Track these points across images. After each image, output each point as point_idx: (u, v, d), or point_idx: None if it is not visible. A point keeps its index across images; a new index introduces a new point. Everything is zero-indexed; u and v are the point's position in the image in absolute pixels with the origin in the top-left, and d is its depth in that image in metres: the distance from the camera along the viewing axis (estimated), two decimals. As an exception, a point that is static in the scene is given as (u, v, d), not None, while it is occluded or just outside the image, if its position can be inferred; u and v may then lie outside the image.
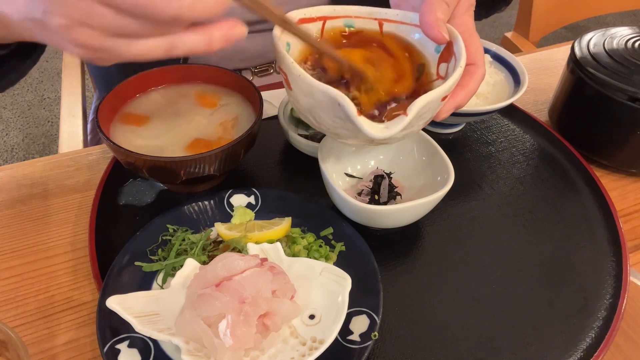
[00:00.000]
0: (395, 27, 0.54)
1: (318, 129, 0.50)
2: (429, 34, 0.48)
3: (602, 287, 0.55)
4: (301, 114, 0.50)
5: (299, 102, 0.48)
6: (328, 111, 0.45)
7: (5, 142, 2.13)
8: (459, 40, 0.48)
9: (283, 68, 0.47)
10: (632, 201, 0.67)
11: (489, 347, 0.49)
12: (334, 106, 0.43)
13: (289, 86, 0.48)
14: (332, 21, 0.54)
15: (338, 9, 0.54)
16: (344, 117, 0.43)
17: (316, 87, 0.43)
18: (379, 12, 0.54)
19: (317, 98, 0.44)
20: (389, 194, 0.59)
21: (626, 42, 0.69)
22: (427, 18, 0.47)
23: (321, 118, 0.47)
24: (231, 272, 0.43)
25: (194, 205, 0.57)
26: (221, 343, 0.40)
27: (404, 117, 0.42)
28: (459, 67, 0.46)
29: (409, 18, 0.53)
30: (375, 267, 0.50)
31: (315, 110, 0.46)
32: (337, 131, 0.47)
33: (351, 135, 0.46)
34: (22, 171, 0.67)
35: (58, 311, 0.51)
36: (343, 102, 0.41)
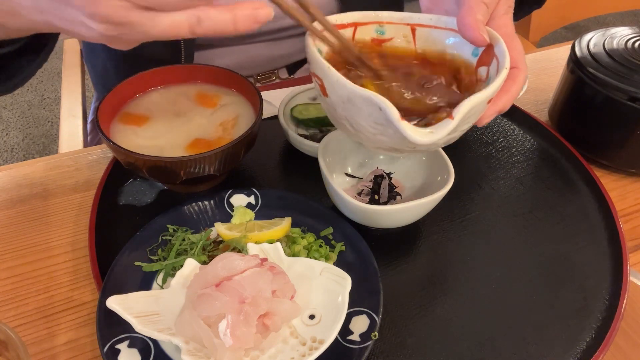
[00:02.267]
0: (429, 32, 0.53)
1: (355, 138, 0.48)
2: (468, 36, 0.47)
3: (602, 287, 0.55)
4: (336, 121, 0.49)
5: (336, 109, 0.46)
6: (367, 117, 0.43)
7: (5, 142, 2.13)
8: (501, 42, 0.46)
9: (318, 73, 0.45)
10: (632, 201, 0.67)
11: (489, 347, 0.49)
12: (374, 111, 0.41)
13: (325, 93, 0.46)
14: (363, 27, 0.53)
15: (369, 15, 0.53)
16: (385, 123, 0.41)
17: (355, 92, 0.41)
18: (411, 17, 0.53)
19: (356, 103, 0.42)
20: (389, 194, 0.60)
21: (626, 42, 0.69)
22: (467, 20, 0.46)
23: (359, 125, 0.45)
24: (231, 272, 0.43)
25: (194, 205, 0.57)
26: (221, 343, 0.40)
27: (450, 120, 0.40)
28: (504, 69, 0.44)
29: (443, 22, 0.52)
30: (375, 267, 0.50)
31: (353, 117, 0.44)
32: (376, 138, 0.45)
33: (392, 142, 0.44)
34: (22, 171, 0.67)
35: (58, 311, 0.51)
36: (385, 107, 0.40)
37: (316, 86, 0.48)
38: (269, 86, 0.83)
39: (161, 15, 0.33)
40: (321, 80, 0.45)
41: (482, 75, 0.49)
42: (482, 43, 0.47)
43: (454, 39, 0.52)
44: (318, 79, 0.46)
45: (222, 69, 0.65)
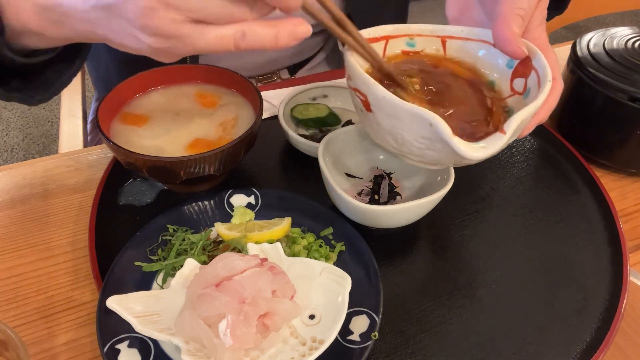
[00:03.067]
0: (460, 44, 0.53)
1: (397, 152, 0.48)
2: (506, 49, 0.47)
3: (602, 287, 0.54)
4: (378, 136, 0.48)
5: (380, 124, 0.45)
6: (414, 132, 0.42)
7: (5, 142, 2.13)
8: (539, 55, 0.46)
9: (362, 89, 0.45)
10: (632, 201, 0.67)
11: (489, 347, 0.49)
12: (422, 127, 0.41)
13: (368, 108, 0.45)
14: (394, 40, 0.53)
15: (400, 28, 0.53)
16: (433, 138, 0.41)
17: (404, 108, 0.41)
18: (442, 29, 0.54)
19: (404, 119, 0.42)
20: (389, 194, 0.60)
21: (626, 42, 0.69)
22: (504, 33, 0.46)
23: (405, 140, 0.44)
24: (231, 272, 0.43)
25: (194, 205, 0.57)
26: (221, 343, 0.40)
27: (502, 135, 0.40)
28: (547, 82, 0.44)
29: (475, 34, 0.52)
30: (375, 267, 0.50)
31: (398, 132, 0.44)
32: (421, 153, 0.45)
33: (439, 156, 0.44)
34: (22, 171, 0.67)
35: (58, 311, 0.51)
36: (436, 122, 0.39)
37: (356, 101, 0.48)
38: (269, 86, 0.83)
39: (209, 29, 0.34)
40: (365, 95, 0.45)
41: (518, 87, 0.49)
42: (521, 56, 0.47)
43: (486, 50, 0.52)
44: (361, 94, 0.46)
45: (222, 69, 0.65)
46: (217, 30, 0.34)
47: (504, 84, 0.51)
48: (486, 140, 0.41)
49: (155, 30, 0.32)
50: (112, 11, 0.32)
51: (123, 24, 0.33)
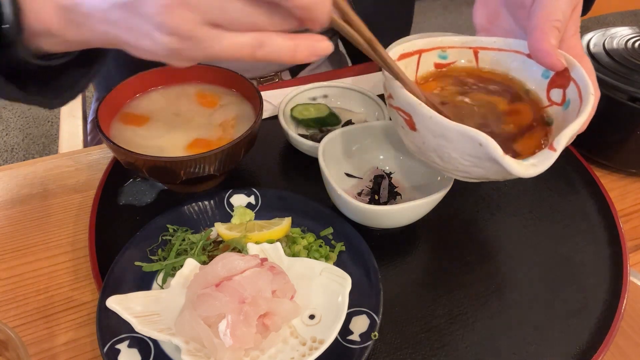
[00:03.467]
0: (493, 55, 0.53)
1: (440, 168, 0.48)
2: (545, 62, 0.47)
3: (602, 287, 0.55)
4: (422, 153, 0.48)
5: (425, 142, 0.45)
6: (462, 151, 0.42)
7: (5, 142, 2.13)
8: (578, 66, 0.46)
9: (406, 110, 0.45)
10: (632, 201, 0.67)
11: (489, 347, 0.49)
12: (471, 146, 0.41)
13: (413, 128, 0.45)
14: (427, 54, 0.53)
15: (432, 41, 0.53)
16: (482, 157, 0.41)
17: (452, 129, 0.41)
18: (473, 40, 0.54)
19: (451, 138, 0.42)
20: (389, 194, 0.60)
21: (626, 42, 0.69)
22: (542, 46, 0.46)
23: (450, 157, 0.44)
24: (231, 272, 0.43)
25: (194, 205, 0.57)
26: (221, 343, 0.40)
27: (552, 152, 0.40)
28: (590, 95, 0.44)
29: (508, 45, 0.52)
30: (375, 267, 0.50)
31: (445, 151, 0.44)
32: (467, 170, 0.45)
33: (487, 173, 0.44)
34: (22, 171, 0.67)
35: (58, 311, 0.51)
36: (486, 142, 0.39)
37: (399, 120, 0.47)
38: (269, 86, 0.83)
39: (226, 34, 0.33)
40: (409, 115, 0.45)
41: (556, 98, 0.49)
42: (560, 68, 0.47)
43: (520, 61, 0.52)
44: (405, 114, 0.45)
45: (222, 69, 0.65)
46: (234, 36, 0.34)
47: (541, 94, 0.51)
48: (536, 157, 0.41)
49: (171, 29, 0.32)
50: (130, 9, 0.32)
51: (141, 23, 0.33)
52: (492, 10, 0.56)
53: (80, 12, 0.34)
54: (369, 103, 0.73)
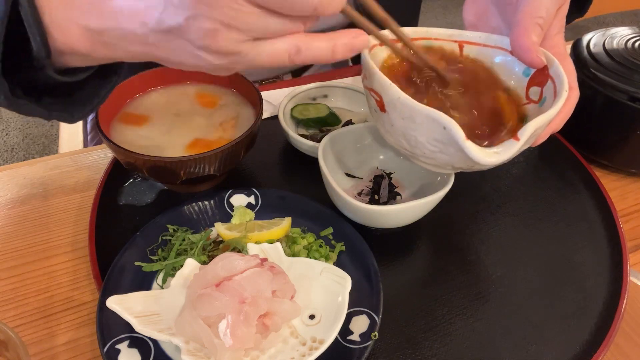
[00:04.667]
0: (477, 50, 0.53)
1: (408, 153, 0.48)
2: (524, 58, 0.47)
3: (602, 287, 0.54)
4: (391, 136, 0.48)
5: (393, 125, 0.45)
6: (428, 135, 0.43)
7: (5, 142, 2.13)
8: (556, 64, 0.46)
9: (377, 89, 0.45)
10: (632, 201, 0.67)
11: (489, 347, 0.49)
12: (436, 129, 0.41)
13: (383, 109, 0.45)
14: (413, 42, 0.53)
15: (419, 31, 0.53)
16: (446, 141, 0.41)
17: (418, 110, 0.41)
18: (460, 34, 0.54)
19: (418, 121, 0.42)
20: (389, 194, 0.60)
21: (626, 42, 0.69)
22: (523, 42, 0.46)
23: (417, 142, 0.44)
24: (231, 272, 0.43)
25: (194, 205, 0.57)
26: (221, 343, 0.40)
27: (516, 142, 0.40)
28: (564, 92, 0.44)
29: (493, 40, 0.52)
30: (375, 267, 0.50)
31: (411, 134, 0.44)
32: (434, 156, 0.45)
33: (451, 160, 0.44)
34: (22, 171, 0.67)
35: (58, 311, 0.51)
36: (449, 126, 0.40)
37: (371, 101, 0.47)
38: (269, 86, 0.83)
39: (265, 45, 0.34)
40: (379, 95, 0.45)
41: (534, 95, 0.49)
42: (539, 65, 0.47)
43: (503, 57, 0.52)
44: (376, 94, 0.45)
45: (222, 69, 0.65)
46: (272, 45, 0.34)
47: (520, 91, 0.51)
48: (499, 146, 0.41)
49: (217, 49, 0.32)
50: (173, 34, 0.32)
51: (184, 45, 0.33)
52: (481, 7, 0.56)
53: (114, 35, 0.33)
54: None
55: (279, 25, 0.33)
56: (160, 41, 0.33)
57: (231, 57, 0.34)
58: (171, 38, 0.32)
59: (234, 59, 0.34)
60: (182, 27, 0.31)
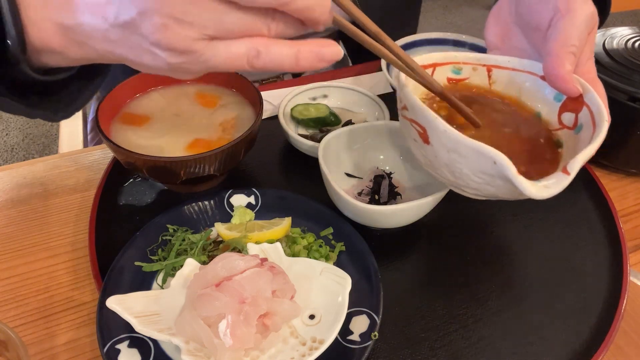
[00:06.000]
0: (506, 74, 0.54)
1: (450, 183, 0.48)
2: (560, 87, 0.48)
3: (602, 287, 0.54)
4: (432, 166, 0.48)
5: (437, 156, 0.45)
6: (475, 168, 0.42)
7: (5, 142, 2.13)
8: (592, 92, 0.47)
9: (420, 122, 0.44)
10: (632, 201, 0.67)
11: (489, 347, 0.49)
12: (485, 163, 0.41)
13: (426, 141, 0.45)
14: (441, 67, 0.54)
15: (448, 56, 0.54)
16: (494, 175, 0.41)
17: (467, 144, 0.41)
18: (487, 58, 0.54)
19: (465, 154, 0.42)
20: (389, 194, 0.60)
21: (626, 42, 0.69)
22: (558, 72, 0.47)
23: (462, 173, 0.44)
24: (231, 272, 0.43)
25: (194, 205, 0.57)
26: (221, 343, 0.40)
27: (566, 175, 0.40)
28: (605, 122, 0.44)
29: (522, 65, 0.53)
30: (375, 267, 0.50)
31: (456, 166, 0.44)
32: (478, 187, 0.45)
33: (497, 191, 0.44)
34: (22, 171, 0.67)
35: (58, 311, 0.51)
36: (500, 161, 0.39)
37: (413, 132, 0.47)
38: (269, 86, 0.83)
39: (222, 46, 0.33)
40: (423, 128, 0.44)
41: (568, 121, 0.50)
42: (575, 94, 0.47)
43: (533, 82, 0.52)
44: (418, 126, 0.45)
45: (222, 69, 0.65)
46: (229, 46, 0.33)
47: (551, 116, 0.51)
48: (550, 179, 0.41)
49: (169, 45, 0.32)
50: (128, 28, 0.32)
51: (140, 41, 0.33)
52: (504, 28, 0.57)
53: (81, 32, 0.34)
54: (369, 103, 0.73)
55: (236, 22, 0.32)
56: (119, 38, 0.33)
57: (185, 55, 0.33)
58: (127, 34, 0.33)
59: (189, 58, 0.33)
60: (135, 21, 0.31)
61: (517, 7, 0.55)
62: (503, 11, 0.57)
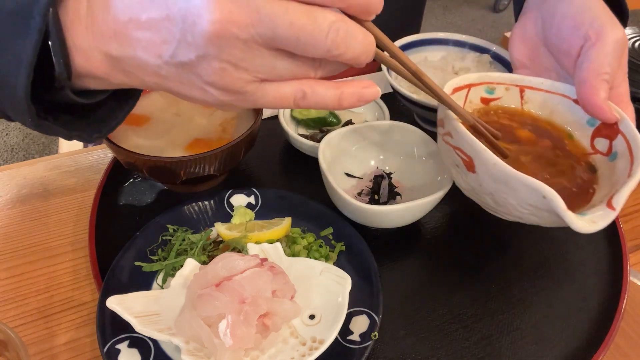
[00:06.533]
0: (539, 95, 0.55)
1: (490, 210, 0.49)
2: (596, 115, 0.49)
3: (602, 287, 0.55)
4: (474, 192, 0.49)
5: (482, 185, 0.46)
6: (522, 200, 0.43)
7: (5, 142, 2.13)
8: (627, 120, 0.48)
9: (467, 151, 0.45)
10: (632, 201, 0.67)
11: (489, 347, 0.49)
12: (533, 197, 0.42)
13: (472, 170, 0.46)
14: (475, 88, 0.55)
15: (482, 76, 0.55)
16: (542, 208, 0.42)
17: (516, 178, 0.41)
18: (521, 79, 0.55)
19: (513, 187, 0.42)
20: (389, 194, 0.60)
21: (626, 42, 0.69)
22: (594, 101, 0.48)
23: (507, 203, 0.45)
24: (231, 272, 0.43)
25: (194, 205, 0.57)
26: (221, 343, 0.40)
27: (612, 211, 0.41)
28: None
29: (556, 88, 0.54)
30: (375, 267, 0.50)
31: (501, 196, 0.45)
32: (521, 215, 0.46)
33: (540, 221, 0.45)
34: (22, 171, 0.67)
35: (58, 311, 0.51)
36: (550, 196, 0.40)
37: (455, 159, 0.47)
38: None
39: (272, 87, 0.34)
40: (469, 157, 0.45)
41: (601, 147, 0.50)
42: (611, 121, 0.48)
43: (566, 105, 0.53)
44: (464, 154, 0.46)
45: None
46: (277, 89, 0.34)
47: (584, 140, 0.52)
48: (595, 213, 0.41)
49: (223, 86, 0.33)
50: (184, 68, 0.33)
51: (193, 78, 0.34)
52: (532, 48, 0.58)
53: (130, 64, 0.35)
54: (372, 107, 0.73)
55: (287, 68, 0.33)
56: (172, 74, 0.34)
57: (237, 95, 0.34)
58: (182, 72, 0.33)
59: (240, 97, 0.34)
60: (192, 63, 0.32)
61: (544, 30, 0.56)
62: (528, 31, 0.58)
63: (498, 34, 3.01)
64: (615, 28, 0.49)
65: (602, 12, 0.50)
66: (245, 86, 0.34)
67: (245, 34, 0.30)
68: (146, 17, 0.32)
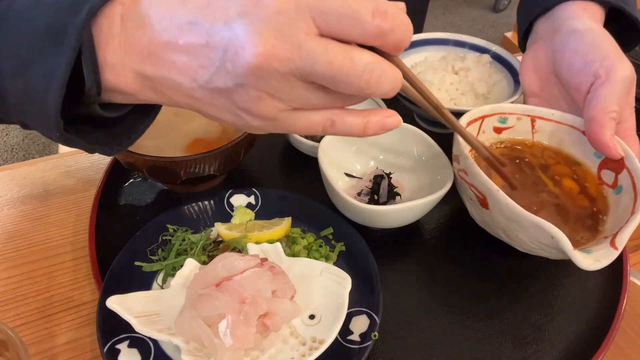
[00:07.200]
0: (549, 125, 0.57)
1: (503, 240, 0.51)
2: (603, 152, 0.51)
3: (602, 287, 0.55)
4: (487, 226, 0.52)
5: (494, 220, 0.49)
6: (532, 237, 0.46)
7: (5, 142, 2.13)
8: (632, 157, 0.50)
9: (480, 189, 0.48)
10: (632, 201, 0.67)
11: (489, 347, 0.49)
12: (542, 236, 0.44)
13: (485, 206, 0.48)
14: (489, 118, 0.57)
15: (495, 107, 0.57)
16: (551, 245, 0.45)
17: (527, 219, 0.44)
18: (533, 110, 0.58)
19: (524, 226, 0.45)
20: (389, 194, 0.59)
21: (626, 42, 0.69)
22: (601, 139, 0.50)
23: (518, 238, 0.48)
24: (231, 272, 0.43)
25: (194, 205, 0.57)
26: (221, 343, 0.40)
27: (614, 250, 0.43)
28: None
29: (565, 119, 0.56)
30: (375, 267, 0.50)
31: (513, 232, 0.47)
32: (531, 249, 0.49)
33: (547, 254, 0.48)
34: (22, 171, 0.67)
35: (58, 311, 0.51)
36: (558, 236, 0.42)
37: (470, 194, 0.50)
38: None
39: (303, 115, 0.35)
40: (483, 195, 0.48)
41: (607, 179, 0.53)
42: (617, 157, 0.50)
43: (575, 136, 0.56)
44: (478, 192, 0.48)
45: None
46: (307, 117, 0.35)
47: (592, 169, 0.55)
48: (599, 251, 0.43)
49: (256, 114, 0.34)
50: (220, 93, 0.33)
51: (227, 103, 0.34)
52: (542, 78, 0.59)
53: (162, 84, 0.35)
54: (368, 103, 0.73)
55: (320, 99, 0.34)
56: (205, 97, 0.34)
57: (269, 121, 0.35)
58: (216, 96, 0.34)
59: (271, 123, 0.35)
60: (229, 90, 0.33)
61: (554, 62, 0.57)
62: (540, 61, 0.60)
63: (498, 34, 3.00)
64: (624, 65, 0.51)
65: (611, 50, 0.52)
66: (278, 114, 0.34)
67: (285, 68, 0.31)
68: (184, 41, 0.32)
